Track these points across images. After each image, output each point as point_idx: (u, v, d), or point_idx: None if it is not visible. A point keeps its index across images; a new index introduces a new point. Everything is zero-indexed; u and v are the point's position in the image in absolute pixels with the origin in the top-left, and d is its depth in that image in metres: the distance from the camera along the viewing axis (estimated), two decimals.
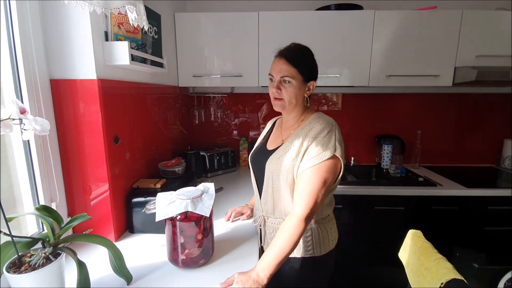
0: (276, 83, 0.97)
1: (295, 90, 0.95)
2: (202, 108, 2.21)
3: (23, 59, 0.90)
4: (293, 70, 0.94)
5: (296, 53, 0.96)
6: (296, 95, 0.97)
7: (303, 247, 0.99)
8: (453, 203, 1.69)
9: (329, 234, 1.03)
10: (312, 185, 0.88)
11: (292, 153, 0.94)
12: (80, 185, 1.06)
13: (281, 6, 2.05)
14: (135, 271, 0.89)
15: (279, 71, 0.95)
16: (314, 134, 0.92)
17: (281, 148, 0.99)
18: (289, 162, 0.94)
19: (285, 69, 0.94)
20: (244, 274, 0.82)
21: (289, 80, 0.95)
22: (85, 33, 0.96)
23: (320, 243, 1.00)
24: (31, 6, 0.91)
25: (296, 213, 0.88)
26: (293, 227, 0.85)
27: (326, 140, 0.91)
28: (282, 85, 0.96)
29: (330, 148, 0.90)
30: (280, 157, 0.96)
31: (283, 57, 0.95)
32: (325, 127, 0.93)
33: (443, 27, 1.72)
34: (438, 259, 0.92)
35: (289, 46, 0.99)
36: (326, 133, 0.92)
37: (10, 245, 0.70)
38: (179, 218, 0.88)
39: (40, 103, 0.95)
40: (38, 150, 0.96)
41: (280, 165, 0.95)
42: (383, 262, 1.79)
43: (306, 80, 0.97)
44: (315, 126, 0.94)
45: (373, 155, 2.25)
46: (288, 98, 0.97)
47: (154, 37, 1.35)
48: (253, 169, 1.12)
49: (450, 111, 2.18)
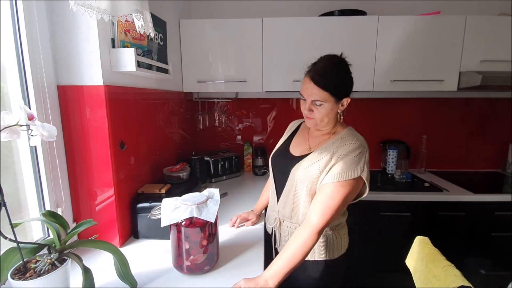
0: (308, 105, 0.95)
1: (327, 111, 0.94)
2: (206, 113, 2.22)
3: (31, 66, 0.91)
4: (325, 94, 0.91)
5: (328, 76, 0.91)
6: (328, 115, 0.95)
7: (317, 251, 1.01)
8: (460, 208, 1.67)
9: (342, 239, 1.05)
10: (333, 200, 0.88)
11: (320, 165, 0.93)
12: (86, 190, 1.06)
13: (285, 12, 2.06)
14: (140, 277, 0.88)
15: (310, 95, 0.93)
16: (346, 152, 0.91)
17: (309, 158, 0.98)
18: (316, 173, 0.94)
19: (316, 94, 0.92)
20: (251, 281, 0.81)
21: (321, 103, 0.93)
22: (92, 40, 0.97)
23: (333, 247, 1.02)
24: (39, 13, 0.93)
25: (312, 224, 0.87)
26: (307, 238, 0.85)
27: (357, 160, 0.90)
28: (314, 107, 0.95)
29: (358, 169, 0.90)
30: (308, 167, 0.96)
31: (313, 81, 0.91)
32: (358, 147, 0.92)
33: (447, 32, 1.72)
34: (446, 266, 0.90)
35: (319, 66, 0.93)
36: (358, 153, 0.91)
37: (15, 251, 0.70)
38: (184, 224, 0.88)
39: (47, 109, 0.96)
40: (45, 155, 0.97)
41: (307, 175, 0.95)
42: (390, 269, 1.76)
43: (339, 99, 0.94)
44: (347, 143, 0.93)
45: (378, 160, 2.24)
46: (319, 117, 0.96)
47: (159, 43, 1.36)
48: (274, 171, 1.11)
49: (455, 115, 2.16)
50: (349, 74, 0.96)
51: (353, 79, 0.97)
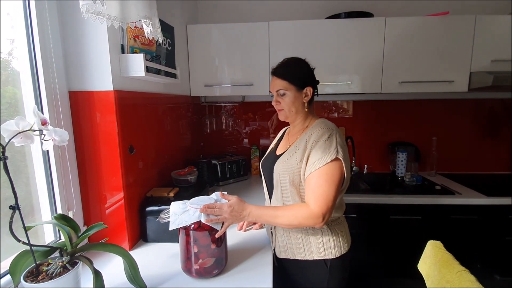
0: (275, 97, 1.07)
1: (291, 99, 1.03)
2: (214, 117, 2.23)
3: (44, 72, 0.94)
4: (284, 82, 1.02)
5: (285, 67, 1.04)
6: (293, 103, 1.03)
7: (315, 250, 1.00)
8: (472, 212, 1.63)
9: (341, 237, 1.03)
10: (321, 187, 0.91)
11: (297, 156, 0.99)
12: (96, 194, 1.08)
13: (291, 15, 2.07)
14: (149, 280, 0.89)
15: (273, 86, 1.06)
16: (316, 139, 0.96)
17: (287, 152, 1.04)
18: (294, 164, 0.98)
19: (277, 84, 1.04)
20: (241, 205, 0.93)
21: (284, 92, 1.03)
22: (102, 47, 0.99)
23: (331, 245, 1.00)
24: (51, 20, 0.95)
25: (310, 207, 0.91)
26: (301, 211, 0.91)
27: (328, 143, 0.95)
28: (280, 97, 1.05)
29: (332, 151, 0.93)
30: (287, 160, 1.01)
31: (274, 74, 1.05)
32: (325, 132, 0.97)
33: (456, 32, 1.70)
34: (460, 271, 0.88)
35: (280, 63, 1.07)
36: (327, 137, 0.95)
37: (28, 254, 0.71)
38: (192, 227, 0.88)
39: (59, 114, 0.98)
40: (57, 160, 0.99)
41: (287, 167, 1.00)
42: (401, 274, 1.73)
43: (300, 88, 1.03)
44: (315, 131, 0.98)
45: (387, 162, 2.20)
46: (287, 107, 1.04)
47: (167, 48, 1.38)
48: (264, 174, 1.16)
49: (466, 117, 2.12)
50: (307, 67, 1.06)
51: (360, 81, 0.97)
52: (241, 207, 0.93)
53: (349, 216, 1.08)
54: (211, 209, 0.90)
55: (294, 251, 1.03)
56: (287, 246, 1.04)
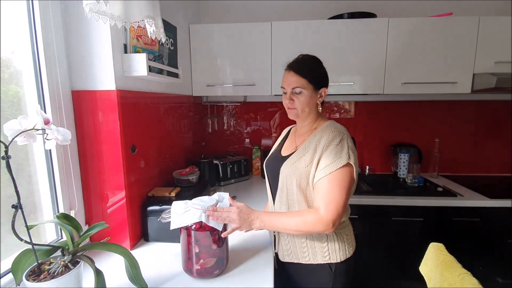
0: (289, 94, 1.01)
1: (306, 99, 0.99)
2: (215, 117, 2.23)
3: (47, 72, 0.94)
4: (303, 80, 0.97)
5: (304, 64, 1.00)
6: (308, 103, 1.00)
7: (320, 254, 0.99)
8: (475, 214, 1.62)
9: (346, 241, 1.02)
10: (332, 193, 0.89)
11: (306, 159, 0.96)
12: (98, 193, 1.08)
13: (294, 15, 2.07)
14: (150, 280, 0.89)
15: (290, 83, 0.99)
16: (326, 142, 0.94)
17: (295, 154, 1.00)
18: (303, 167, 0.95)
19: (295, 81, 0.98)
20: (248, 209, 0.93)
21: (300, 91, 0.98)
22: (105, 46, 0.99)
23: (336, 250, 0.99)
24: (54, 20, 0.96)
25: (320, 212, 0.88)
26: (310, 218, 0.88)
27: (340, 148, 0.92)
28: (294, 96, 1.00)
29: (344, 156, 0.91)
30: (294, 163, 0.98)
31: (292, 69, 0.99)
32: (337, 136, 0.94)
33: (460, 33, 1.69)
34: (462, 274, 0.87)
35: (297, 58, 1.03)
36: (338, 141, 0.93)
37: (30, 253, 0.71)
38: (194, 227, 0.88)
39: (62, 114, 0.98)
40: (59, 159, 0.99)
41: (294, 170, 0.97)
42: (402, 276, 1.72)
43: (317, 88, 1.00)
44: (326, 134, 0.96)
45: (388, 164, 2.20)
46: (300, 107, 1.00)
47: (170, 48, 1.38)
48: (268, 175, 1.13)
49: (469, 118, 2.11)
50: (323, 68, 1.02)
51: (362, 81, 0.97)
52: (249, 210, 0.93)
53: (350, 217, 1.08)
54: (218, 212, 0.90)
55: (298, 255, 1.01)
56: (291, 250, 1.03)
